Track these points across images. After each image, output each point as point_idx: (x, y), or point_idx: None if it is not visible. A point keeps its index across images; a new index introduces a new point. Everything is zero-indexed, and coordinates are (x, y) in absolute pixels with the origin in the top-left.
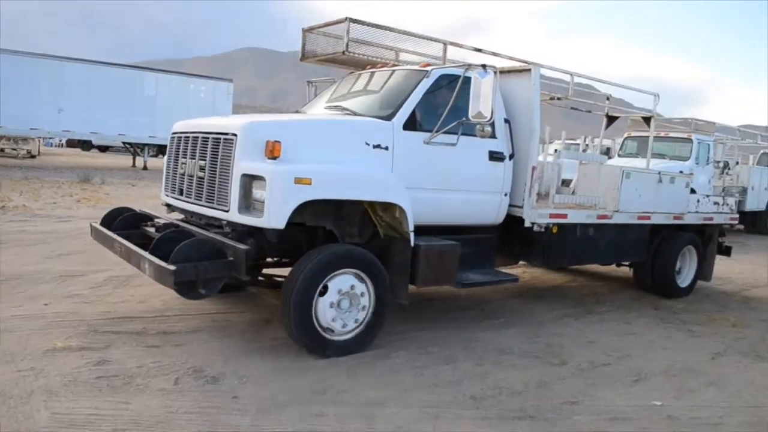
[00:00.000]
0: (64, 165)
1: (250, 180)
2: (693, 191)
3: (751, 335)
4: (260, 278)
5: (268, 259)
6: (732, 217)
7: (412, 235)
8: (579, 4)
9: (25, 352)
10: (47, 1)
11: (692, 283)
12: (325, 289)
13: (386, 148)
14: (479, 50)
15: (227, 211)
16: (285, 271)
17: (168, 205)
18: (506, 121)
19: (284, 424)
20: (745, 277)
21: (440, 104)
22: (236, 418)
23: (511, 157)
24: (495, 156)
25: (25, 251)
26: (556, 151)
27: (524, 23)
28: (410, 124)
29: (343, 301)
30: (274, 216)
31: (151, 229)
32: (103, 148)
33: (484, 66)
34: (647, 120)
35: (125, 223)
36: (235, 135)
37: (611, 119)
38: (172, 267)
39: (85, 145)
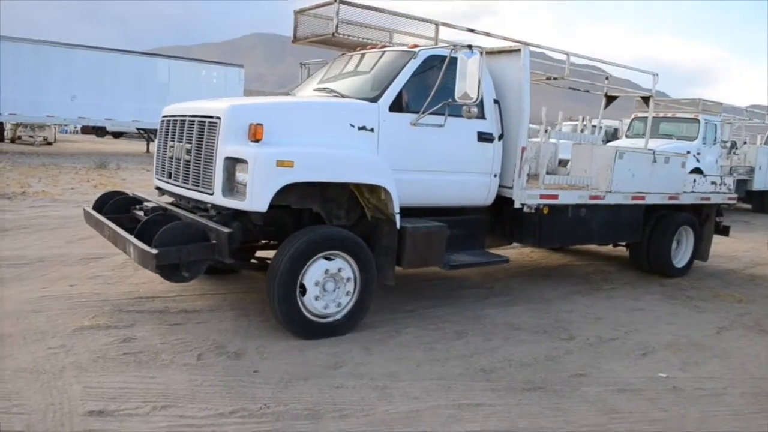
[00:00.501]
0: (79, 151)
1: (233, 163)
2: (700, 171)
3: (755, 310)
4: (253, 261)
5: (263, 241)
6: (730, 197)
7: (397, 217)
8: None
9: (54, 330)
10: None
11: (689, 263)
12: (315, 263)
13: (371, 130)
14: (472, 30)
15: (212, 194)
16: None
17: (159, 189)
18: (496, 101)
19: (305, 395)
20: (750, 255)
21: (428, 85)
22: (259, 390)
23: (501, 137)
24: (484, 137)
25: (47, 235)
26: (546, 131)
27: (532, 8)
28: (397, 106)
29: (328, 283)
30: (256, 199)
31: (140, 213)
32: (117, 135)
33: (470, 46)
34: (646, 100)
35: (116, 207)
36: (219, 118)
37: (610, 99)
38: (154, 251)
39: (100, 131)
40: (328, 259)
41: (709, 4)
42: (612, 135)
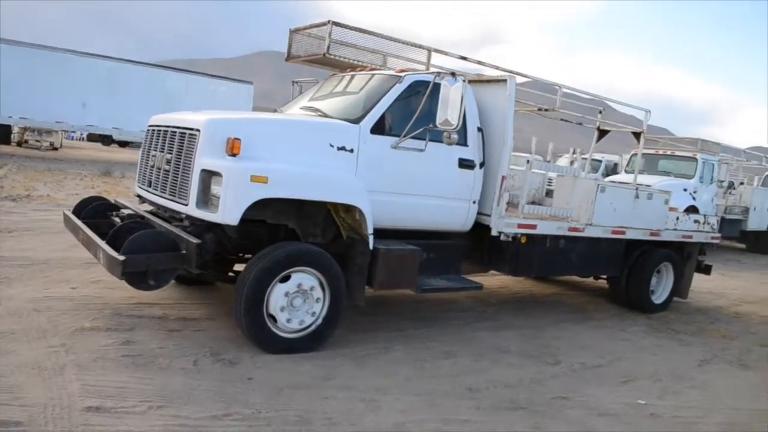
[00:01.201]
0: (85, 158)
1: (209, 175)
2: (696, 209)
3: (738, 346)
4: (231, 274)
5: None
6: (713, 236)
7: (371, 238)
8: (593, 19)
9: (55, 330)
10: (61, 0)
11: (667, 299)
12: (284, 280)
13: (351, 151)
14: (464, 58)
15: (186, 205)
16: None
17: (140, 197)
18: (480, 129)
19: (295, 403)
20: (738, 293)
21: (411, 110)
22: (252, 396)
23: (482, 165)
24: (465, 163)
25: (51, 239)
26: (528, 162)
27: (537, 38)
28: (379, 128)
29: (296, 299)
30: (228, 212)
31: (117, 219)
32: (123, 143)
33: (453, 74)
34: (637, 135)
35: (95, 212)
36: (198, 130)
37: (602, 132)
38: (121, 257)
39: (106, 139)
40: (300, 273)
41: (718, 43)
42: (612, 169)
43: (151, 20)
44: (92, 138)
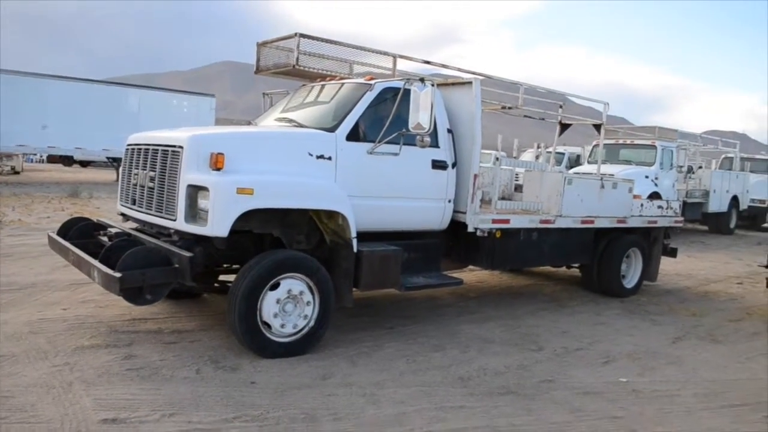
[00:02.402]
0: (49, 180)
1: (195, 190)
2: (658, 195)
3: (708, 323)
4: (216, 285)
5: (225, 266)
6: (676, 220)
7: (354, 241)
8: (550, 13)
9: (56, 350)
10: (5, 17)
11: (638, 283)
12: (274, 288)
13: (329, 158)
14: (428, 62)
15: (174, 220)
16: None
17: (123, 215)
18: (449, 131)
19: (300, 402)
20: (705, 273)
21: (383, 116)
22: (257, 398)
23: (454, 165)
24: (438, 164)
25: (32, 263)
26: (497, 159)
27: (496, 33)
28: (354, 135)
29: (288, 304)
30: (217, 225)
31: (104, 239)
32: (85, 163)
33: (422, 79)
34: (597, 127)
35: (80, 232)
36: (182, 147)
37: (564, 126)
38: (118, 274)
39: (67, 160)
40: (290, 279)
41: (669, 31)
42: (575, 161)
43: (95, 36)
44: (52, 159)
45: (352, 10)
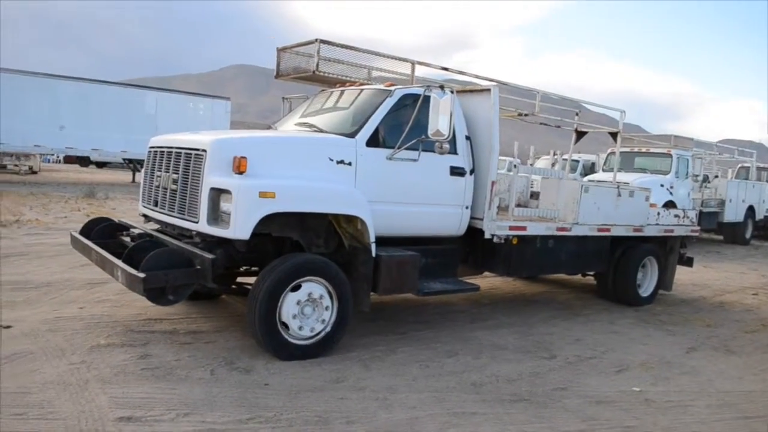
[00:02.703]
0: (65, 180)
1: (218, 193)
2: (673, 203)
3: (722, 333)
4: (234, 287)
5: (243, 268)
6: (693, 229)
7: (373, 246)
8: (562, 18)
9: (73, 348)
10: (13, 19)
11: (654, 292)
12: (295, 289)
13: (349, 164)
14: (446, 69)
15: (197, 223)
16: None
17: (145, 216)
18: (467, 138)
19: (313, 405)
20: (720, 284)
21: (403, 122)
22: (271, 400)
23: (472, 172)
24: (456, 171)
25: (48, 262)
26: (515, 166)
27: (506, 40)
28: (373, 141)
29: (306, 307)
30: (240, 227)
31: (127, 239)
32: (101, 164)
33: (442, 86)
34: (614, 135)
35: (103, 232)
36: (205, 151)
37: (580, 134)
38: (141, 275)
39: (83, 161)
40: (306, 283)
41: (684, 39)
42: (590, 168)
43: (111, 38)
44: (69, 160)
45: (362, 10)
